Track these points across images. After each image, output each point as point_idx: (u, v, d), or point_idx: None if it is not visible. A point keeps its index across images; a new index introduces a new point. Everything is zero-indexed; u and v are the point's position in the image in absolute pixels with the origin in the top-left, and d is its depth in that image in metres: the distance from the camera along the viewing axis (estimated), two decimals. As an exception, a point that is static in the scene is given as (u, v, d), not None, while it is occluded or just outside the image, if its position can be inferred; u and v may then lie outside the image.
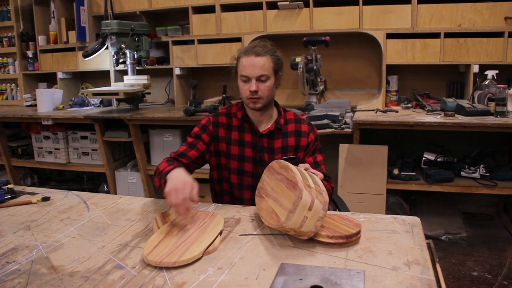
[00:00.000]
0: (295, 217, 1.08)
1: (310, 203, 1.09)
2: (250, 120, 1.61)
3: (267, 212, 1.22)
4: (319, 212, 1.10)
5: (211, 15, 3.43)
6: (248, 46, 1.56)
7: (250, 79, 1.52)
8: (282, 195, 1.17)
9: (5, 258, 1.12)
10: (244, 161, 1.61)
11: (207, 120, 1.65)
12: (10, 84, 4.21)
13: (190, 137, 1.64)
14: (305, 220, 1.09)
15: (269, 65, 1.53)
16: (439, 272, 1.00)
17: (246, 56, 1.53)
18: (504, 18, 2.85)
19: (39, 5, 3.94)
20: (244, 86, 1.55)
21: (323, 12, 3.16)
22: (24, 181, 4.01)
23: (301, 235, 1.13)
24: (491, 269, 2.46)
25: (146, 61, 3.62)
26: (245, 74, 1.53)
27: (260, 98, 1.54)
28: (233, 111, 1.65)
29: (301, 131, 1.63)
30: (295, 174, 1.14)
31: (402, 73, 3.24)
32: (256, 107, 1.55)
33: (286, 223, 1.09)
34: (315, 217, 1.10)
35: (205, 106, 3.21)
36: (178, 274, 1.01)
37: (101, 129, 3.32)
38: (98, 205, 1.53)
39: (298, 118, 1.67)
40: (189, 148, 1.60)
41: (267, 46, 1.55)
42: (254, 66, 1.51)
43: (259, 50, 1.52)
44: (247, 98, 1.55)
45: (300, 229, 1.10)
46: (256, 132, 1.61)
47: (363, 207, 2.67)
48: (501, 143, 3.11)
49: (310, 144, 1.63)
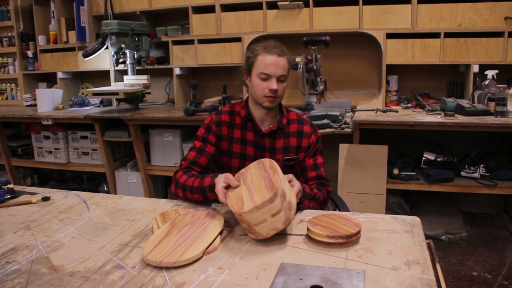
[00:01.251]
0: (257, 214, 1.12)
1: (276, 211, 1.12)
2: (253, 118, 1.62)
3: (235, 196, 1.23)
4: (279, 223, 1.13)
5: (211, 15, 3.43)
6: (266, 45, 1.55)
7: (271, 78, 1.52)
8: (257, 190, 1.19)
9: (5, 258, 1.12)
10: (246, 159, 1.61)
11: (210, 119, 1.65)
12: (10, 84, 4.21)
13: (198, 141, 1.63)
14: (263, 222, 1.12)
15: (287, 67, 1.56)
16: (439, 272, 1.00)
17: (268, 54, 1.52)
18: (504, 18, 2.85)
19: (39, 5, 3.94)
20: (262, 84, 1.54)
21: (323, 12, 3.16)
22: (24, 181, 4.01)
23: (251, 232, 1.16)
24: (491, 269, 2.46)
25: (146, 61, 3.62)
26: (267, 72, 1.52)
27: (278, 97, 1.55)
28: (236, 109, 1.65)
29: (303, 131, 1.63)
30: (279, 180, 1.16)
31: (402, 73, 3.24)
32: (272, 106, 1.56)
33: (246, 214, 1.12)
34: (272, 225, 1.13)
35: (205, 106, 3.21)
36: (178, 274, 1.01)
37: (101, 129, 3.32)
38: (98, 205, 1.53)
39: (300, 118, 1.67)
40: (198, 155, 1.60)
41: (283, 48, 1.57)
42: (277, 65, 1.52)
43: (279, 50, 1.53)
44: (264, 96, 1.54)
45: (254, 227, 1.13)
46: (259, 131, 1.61)
47: (363, 207, 2.67)
48: (501, 143, 3.11)
49: (311, 146, 1.63)
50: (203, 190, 1.42)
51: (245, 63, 1.60)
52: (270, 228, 1.13)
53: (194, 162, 1.59)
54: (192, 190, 1.46)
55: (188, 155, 1.61)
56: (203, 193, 1.43)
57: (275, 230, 1.14)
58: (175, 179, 1.54)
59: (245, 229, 1.19)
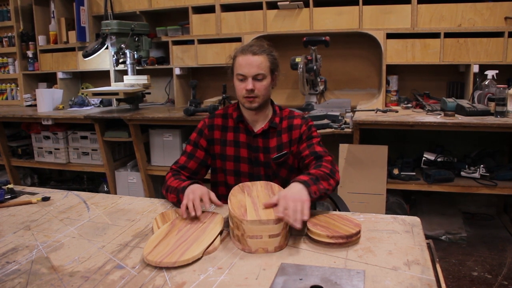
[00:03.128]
0: (257, 228, 1.11)
1: (275, 234, 1.12)
2: (245, 120, 1.61)
3: (238, 203, 1.23)
4: (271, 246, 1.12)
5: (211, 15, 3.43)
6: (244, 46, 1.56)
7: (247, 78, 1.51)
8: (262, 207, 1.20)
9: (5, 258, 1.12)
10: (240, 161, 1.61)
11: (203, 123, 1.65)
12: (10, 84, 4.21)
13: (190, 145, 1.64)
14: (258, 238, 1.12)
15: (265, 64, 1.52)
16: (439, 272, 1.00)
17: (243, 55, 1.52)
18: (504, 18, 2.85)
19: (39, 5, 3.93)
20: (240, 85, 1.53)
21: (323, 12, 3.16)
22: (24, 181, 4.01)
23: (241, 242, 1.14)
24: (491, 269, 2.46)
25: (146, 61, 3.62)
26: (242, 72, 1.51)
27: (257, 97, 1.52)
28: (229, 111, 1.65)
29: (293, 124, 1.61)
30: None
31: (402, 73, 3.24)
32: (252, 106, 1.54)
33: (245, 223, 1.12)
34: (265, 245, 1.12)
35: (205, 106, 3.21)
36: (178, 274, 1.01)
37: (101, 129, 3.32)
38: (98, 205, 1.53)
39: (292, 114, 1.65)
40: (188, 160, 1.61)
41: (264, 46, 1.55)
42: (251, 65, 1.50)
43: (255, 49, 1.51)
44: (243, 97, 1.53)
45: (248, 238, 1.12)
46: (251, 132, 1.61)
47: (363, 207, 2.67)
48: (501, 143, 3.11)
49: (302, 135, 1.59)
50: (178, 191, 1.43)
51: (230, 66, 1.60)
52: (261, 247, 1.12)
53: (184, 166, 1.60)
54: (171, 190, 1.48)
55: (179, 159, 1.62)
56: (177, 194, 1.43)
57: (264, 251, 1.12)
58: (165, 180, 1.56)
59: (235, 236, 1.17)
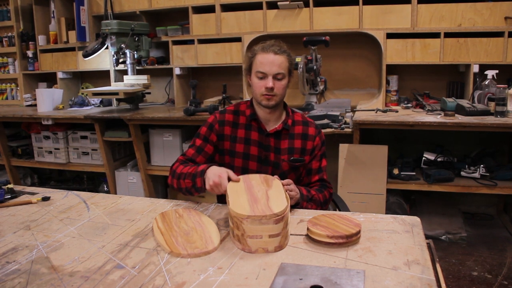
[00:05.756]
0: (257, 228, 1.11)
1: (275, 233, 1.11)
2: (258, 118, 1.62)
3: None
4: (271, 246, 1.12)
5: (211, 15, 3.43)
6: (265, 44, 1.58)
7: (267, 76, 1.53)
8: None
9: (5, 258, 1.12)
10: (249, 159, 1.61)
11: (213, 118, 1.65)
12: (10, 84, 4.21)
13: (199, 139, 1.63)
14: (258, 238, 1.11)
15: (285, 65, 1.55)
16: (439, 272, 1.00)
17: (264, 53, 1.54)
18: (504, 18, 2.85)
19: (39, 5, 3.93)
20: (259, 83, 1.55)
21: (323, 12, 3.16)
22: (24, 181, 4.01)
23: (241, 242, 1.13)
24: (491, 269, 2.46)
25: (146, 61, 3.62)
26: (263, 70, 1.53)
27: (275, 95, 1.55)
28: (241, 108, 1.66)
29: (308, 134, 1.64)
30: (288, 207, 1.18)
31: (402, 73, 3.24)
32: (269, 104, 1.56)
33: (245, 223, 1.11)
34: (265, 245, 1.11)
35: (205, 106, 3.21)
36: (178, 274, 1.01)
37: (101, 129, 3.32)
38: (98, 205, 1.53)
39: (305, 120, 1.68)
40: (196, 153, 1.61)
41: (283, 46, 1.58)
42: (272, 64, 1.53)
43: (276, 49, 1.54)
44: (261, 94, 1.55)
45: (248, 238, 1.11)
46: (263, 131, 1.62)
47: (363, 207, 2.67)
48: (501, 143, 3.11)
49: (316, 148, 1.65)
50: (194, 175, 1.45)
51: (247, 63, 1.62)
52: (261, 247, 1.11)
53: (191, 159, 1.60)
54: (185, 176, 1.48)
55: (187, 152, 1.62)
56: (193, 179, 1.45)
57: (264, 251, 1.11)
58: (171, 170, 1.57)
59: (235, 235, 1.16)
